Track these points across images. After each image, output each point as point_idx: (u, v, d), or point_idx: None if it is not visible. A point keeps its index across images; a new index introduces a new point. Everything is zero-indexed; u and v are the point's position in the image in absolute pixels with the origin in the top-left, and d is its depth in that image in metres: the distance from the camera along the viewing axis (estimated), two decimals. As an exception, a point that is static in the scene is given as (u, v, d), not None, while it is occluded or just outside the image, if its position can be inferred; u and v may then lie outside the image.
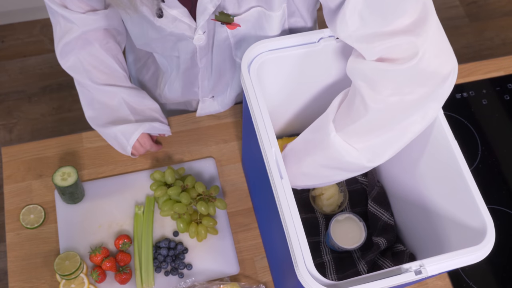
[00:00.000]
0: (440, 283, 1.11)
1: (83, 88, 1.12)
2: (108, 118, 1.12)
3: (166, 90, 1.22)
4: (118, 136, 1.11)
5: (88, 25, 1.05)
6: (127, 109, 1.13)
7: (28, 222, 1.12)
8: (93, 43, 1.09)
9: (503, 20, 2.59)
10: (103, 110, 1.12)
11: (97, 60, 1.10)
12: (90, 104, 1.13)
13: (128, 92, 1.13)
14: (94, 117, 1.13)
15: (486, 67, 1.40)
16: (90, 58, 1.10)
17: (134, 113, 1.14)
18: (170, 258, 1.09)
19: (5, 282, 1.84)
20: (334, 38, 0.91)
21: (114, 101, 1.12)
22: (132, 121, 1.12)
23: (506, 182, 1.25)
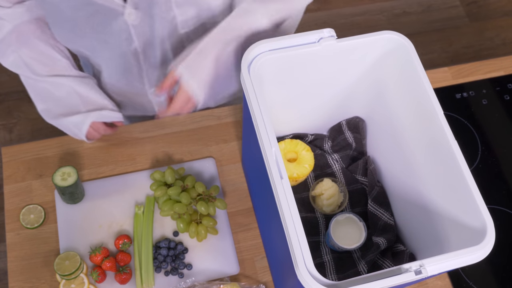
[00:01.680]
0: (440, 283, 1.11)
1: (29, 82, 1.10)
2: (59, 109, 1.11)
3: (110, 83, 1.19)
4: (70, 127, 1.12)
5: (18, 18, 1.02)
6: (76, 98, 1.11)
7: (28, 222, 1.12)
8: (28, 35, 1.06)
9: (503, 20, 2.59)
10: (53, 102, 1.11)
11: (36, 52, 1.07)
12: (39, 97, 1.11)
13: (74, 81, 1.10)
14: (45, 109, 1.12)
15: (486, 67, 1.40)
16: (28, 52, 1.07)
17: (84, 101, 1.11)
18: (170, 258, 1.09)
19: (5, 282, 1.84)
20: (334, 38, 0.91)
21: (62, 92, 1.10)
22: (82, 111, 1.11)
23: (506, 182, 1.25)
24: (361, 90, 1.06)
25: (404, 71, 0.93)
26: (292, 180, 1.10)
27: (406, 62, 0.92)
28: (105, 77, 1.18)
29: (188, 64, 0.98)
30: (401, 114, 0.98)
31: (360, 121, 1.15)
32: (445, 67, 1.39)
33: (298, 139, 1.14)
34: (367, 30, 0.88)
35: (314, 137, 1.18)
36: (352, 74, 1.02)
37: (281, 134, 1.16)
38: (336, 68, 0.98)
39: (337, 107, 1.12)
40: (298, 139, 1.14)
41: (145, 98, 1.23)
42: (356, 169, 1.15)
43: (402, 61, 0.93)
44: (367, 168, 1.14)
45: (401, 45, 0.92)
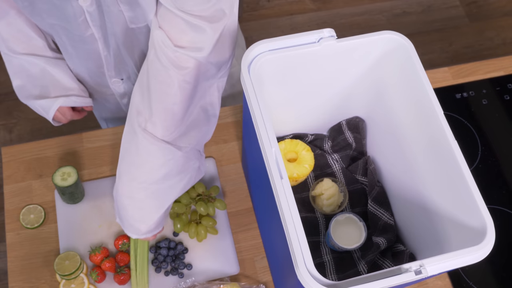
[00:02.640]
0: (440, 283, 1.11)
1: (6, 57, 1.12)
2: (31, 88, 1.12)
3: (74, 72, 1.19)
4: (39, 110, 1.14)
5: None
6: (48, 79, 1.12)
7: (28, 222, 1.12)
8: (8, 11, 1.06)
9: (503, 20, 2.59)
10: (27, 79, 1.12)
11: (14, 29, 1.08)
12: (14, 73, 1.13)
13: (48, 62, 1.12)
14: (20, 86, 1.13)
15: (486, 67, 1.40)
16: (7, 28, 1.08)
17: (54, 84, 1.13)
18: (170, 258, 1.08)
19: (5, 282, 1.84)
20: (334, 38, 0.91)
21: (36, 71, 1.12)
22: (50, 95, 1.12)
23: (506, 182, 1.25)
24: (361, 90, 1.06)
25: (404, 71, 0.93)
26: (292, 180, 1.10)
27: (406, 62, 0.92)
28: (69, 65, 1.19)
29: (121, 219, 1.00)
30: (401, 114, 0.98)
31: (360, 121, 1.15)
32: (445, 67, 1.39)
33: (298, 139, 1.14)
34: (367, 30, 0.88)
35: (314, 137, 1.18)
36: (352, 74, 1.02)
37: (281, 134, 1.16)
38: (336, 68, 0.98)
39: (337, 107, 1.12)
40: (298, 139, 1.14)
41: (108, 89, 1.23)
42: (356, 169, 1.15)
43: (402, 61, 0.93)
44: (367, 168, 1.14)
45: (401, 45, 0.92)
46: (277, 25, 2.49)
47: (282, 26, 2.49)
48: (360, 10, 2.58)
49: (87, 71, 1.16)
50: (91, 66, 1.14)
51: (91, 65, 1.14)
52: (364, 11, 2.57)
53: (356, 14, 2.56)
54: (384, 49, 0.95)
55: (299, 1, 2.57)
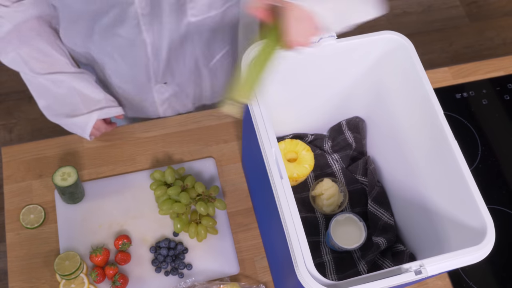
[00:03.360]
0: (440, 283, 1.11)
1: (28, 79, 1.12)
2: (59, 108, 1.13)
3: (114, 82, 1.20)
4: (72, 128, 1.14)
5: (18, 17, 1.03)
6: (76, 96, 1.12)
7: (28, 222, 1.12)
8: (28, 33, 1.07)
9: (503, 20, 2.59)
10: (53, 99, 1.12)
11: (35, 50, 1.09)
12: (39, 94, 1.13)
13: (73, 78, 1.12)
14: (46, 106, 1.13)
15: (486, 67, 1.40)
16: (28, 50, 1.08)
17: (84, 99, 1.13)
18: (170, 258, 1.08)
19: (5, 282, 1.84)
20: (334, 38, 0.91)
21: (62, 90, 1.11)
22: (82, 110, 1.12)
23: (506, 182, 1.25)
24: (361, 90, 1.06)
25: (404, 71, 0.93)
26: (292, 180, 1.10)
27: (406, 62, 0.92)
28: (110, 75, 1.19)
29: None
30: (401, 114, 0.98)
31: (360, 121, 1.15)
32: (445, 67, 1.39)
33: (298, 139, 1.14)
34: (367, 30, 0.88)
35: (314, 137, 1.18)
36: (352, 74, 1.02)
37: (281, 134, 1.16)
38: (336, 68, 0.98)
39: (337, 107, 1.12)
40: (298, 139, 1.14)
41: (150, 96, 1.24)
42: (356, 169, 1.15)
43: (402, 61, 0.93)
44: (367, 168, 1.14)
45: (401, 45, 0.92)
46: (277, 25, 2.48)
47: (282, 26, 2.48)
48: (360, 10, 2.57)
49: (131, 78, 1.18)
50: (136, 72, 1.16)
51: (136, 71, 1.15)
52: (364, 11, 2.57)
53: (356, 14, 2.56)
54: (384, 49, 0.96)
55: (299, 1, 2.57)
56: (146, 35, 1.03)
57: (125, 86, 1.20)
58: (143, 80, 1.17)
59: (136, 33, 1.03)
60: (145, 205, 1.15)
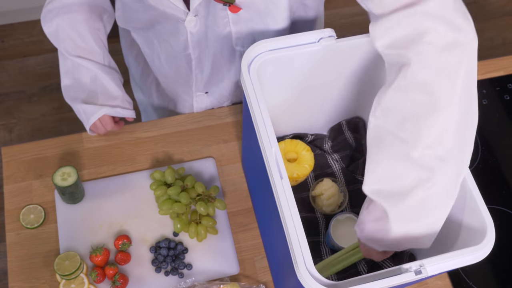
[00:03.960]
0: (440, 283, 1.11)
1: (62, 57, 1.14)
2: (79, 90, 1.14)
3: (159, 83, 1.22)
4: (81, 114, 1.14)
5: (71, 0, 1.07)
6: (97, 85, 1.14)
7: (28, 222, 1.12)
8: (75, 15, 1.10)
9: (503, 20, 2.59)
10: (76, 81, 1.14)
11: (75, 32, 1.11)
12: (66, 74, 1.14)
13: (100, 68, 1.13)
14: (69, 86, 1.14)
15: (486, 67, 1.40)
16: (69, 29, 1.11)
17: (103, 91, 1.14)
18: (170, 258, 1.08)
19: (5, 282, 1.84)
20: (334, 38, 0.91)
21: (87, 75, 1.13)
22: (97, 101, 1.13)
23: (506, 182, 1.25)
24: (361, 90, 1.06)
25: (404, 71, 0.93)
26: (292, 180, 1.10)
27: (406, 62, 0.92)
28: (155, 71, 1.22)
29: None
30: (401, 114, 0.98)
31: (360, 121, 1.15)
32: (445, 67, 1.39)
33: (298, 139, 1.14)
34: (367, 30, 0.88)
35: (314, 137, 1.18)
36: (352, 74, 1.02)
37: (281, 134, 1.16)
38: (336, 68, 0.98)
39: (337, 107, 1.12)
40: (298, 139, 1.14)
41: (189, 102, 1.28)
42: (356, 169, 1.15)
43: (402, 61, 0.93)
44: (367, 168, 1.14)
45: (401, 45, 0.92)
46: (277, 25, 2.49)
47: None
48: (360, 10, 2.57)
49: (174, 83, 1.20)
50: (179, 78, 1.18)
51: (179, 77, 1.17)
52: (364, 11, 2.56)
53: (356, 14, 2.56)
54: (384, 49, 0.95)
55: (299, 1, 2.57)
56: (192, 51, 1.07)
57: (167, 86, 1.22)
58: (185, 86, 1.20)
59: (183, 47, 1.07)
60: (145, 205, 1.15)
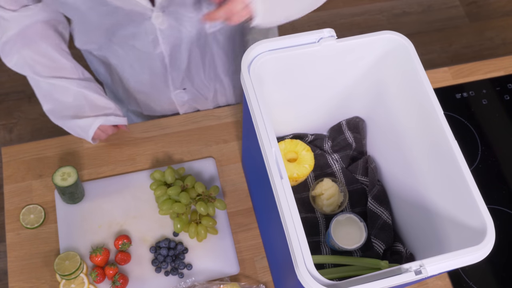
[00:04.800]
0: (440, 283, 1.11)
1: (35, 83, 1.12)
2: (64, 110, 1.13)
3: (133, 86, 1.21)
4: (76, 130, 1.14)
5: (23, 22, 1.04)
6: (83, 101, 1.12)
7: (28, 222, 1.12)
8: (33, 38, 1.07)
9: (503, 20, 2.59)
10: (58, 103, 1.12)
11: (39, 54, 1.09)
12: (44, 97, 1.13)
13: (79, 84, 1.12)
14: (51, 110, 1.13)
15: (486, 67, 1.40)
16: (32, 54, 1.08)
17: (90, 105, 1.13)
18: (170, 258, 1.08)
19: (5, 282, 1.84)
20: (334, 38, 0.91)
21: (69, 94, 1.12)
22: (88, 113, 1.12)
23: (506, 182, 1.25)
24: (361, 90, 1.06)
25: (404, 71, 0.93)
26: (292, 180, 1.10)
27: (406, 62, 0.92)
28: (127, 78, 1.20)
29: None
30: (401, 114, 0.98)
31: (360, 121, 1.15)
32: (445, 67, 1.39)
33: (298, 139, 1.14)
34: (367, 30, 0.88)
35: (314, 137, 1.18)
36: (352, 74, 1.02)
37: (281, 134, 1.16)
38: (336, 68, 0.98)
39: (337, 107, 1.12)
40: (298, 139, 1.14)
41: (169, 100, 1.26)
42: (356, 169, 1.15)
43: (402, 61, 0.93)
44: (367, 167, 1.14)
45: (401, 45, 0.92)
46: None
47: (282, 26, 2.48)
48: (360, 10, 2.58)
49: (150, 85, 1.19)
50: (154, 80, 1.17)
51: (155, 78, 1.16)
52: (364, 11, 2.57)
53: (356, 14, 2.56)
54: (384, 49, 0.95)
55: (299, 1, 2.57)
56: (163, 48, 1.05)
57: (144, 90, 1.22)
58: (162, 86, 1.19)
59: (153, 46, 1.05)
60: (145, 205, 1.15)
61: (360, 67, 1.01)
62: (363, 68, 1.01)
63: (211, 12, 0.87)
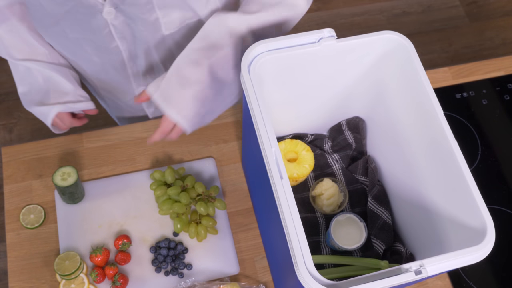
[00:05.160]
0: (440, 283, 1.11)
1: (12, 65, 1.12)
2: (34, 94, 1.12)
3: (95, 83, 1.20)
4: (40, 116, 1.13)
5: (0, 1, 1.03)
6: (50, 85, 1.12)
7: (28, 222, 1.12)
8: (10, 18, 1.06)
9: (503, 20, 2.59)
10: (31, 86, 1.12)
11: (15, 36, 1.08)
12: (20, 81, 1.13)
13: (50, 68, 1.11)
14: (24, 93, 1.13)
15: (486, 67, 1.40)
16: (8, 35, 1.08)
17: (56, 90, 1.12)
18: (170, 258, 1.09)
19: (5, 282, 1.84)
20: (334, 38, 0.91)
21: (39, 77, 1.11)
22: (50, 100, 1.12)
23: (506, 182, 1.25)
24: (361, 90, 1.06)
25: (404, 71, 0.93)
26: (292, 180, 1.10)
27: (406, 62, 0.92)
28: (89, 76, 1.19)
29: (163, 94, 0.99)
30: (401, 114, 0.98)
31: (360, 121, 1.15)
32: (445, 67, 1.39)
33: (298, 139, 1.14)
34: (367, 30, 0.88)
35: (314, 137, 1.18)
36: (352, 74, 1.02)
37: (281, 134, 1.16)
38: (336, 68, 0.98)
39: (337, 107, 1.12)
40: (298, 139, 1.14)
41: (133, 94, 1.24)
42: (356, 169, 1.15)
43: (402, 61, 0.93)
44: (367, 167, 1.14)
45: (401, 45, 0.92)
46: (277, 25, 2.48)
47: (282, 26, 2.48)
48: (360, 10, 2.58)
49: (112, 78, 1.17)
50: (116, 75, 1.15)
51: (116, 73, 1.14)
52: (364, 11, 2.57)
53: (356, 14, 2.56)
54: (384, 49, 0.95)
55: (299, 1, 2.57)
56: (119, 43, 1.03)
57: (106, 87, 1.20)
58: (124, 82, 1.17)
59: (109, 41, 1.03)
60: (145, 205, 1.15)
61: (360, 67, 1.01)
62: (363, 68, 1.01)
63: (150, 136, 1.04)
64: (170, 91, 0.99)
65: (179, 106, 0.99)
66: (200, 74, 0.97)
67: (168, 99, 0.99)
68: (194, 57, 0.98)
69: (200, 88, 0.98)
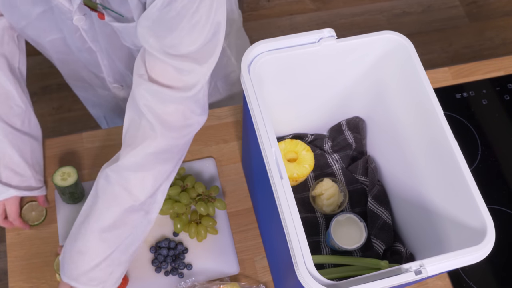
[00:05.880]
0: (440, 283, 1.11)
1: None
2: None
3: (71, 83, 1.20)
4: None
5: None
6: (1, 155, 1.02)
7: (29, 219, 1.12)
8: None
9: (503, 20, 2.59)
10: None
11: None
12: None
13: (9, 133, 1.02)
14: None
15: (486, 67, 1.40)
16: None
17: (4, 164, 1.02)
18: (170, 258, 1.09)
19: (5, 282, 1.84)
20: (334, 38, 0.91)
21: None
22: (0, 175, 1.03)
23: (506, 182, 1.25)
24: (361, 90, 1.06)
25: (404, 71, 0.93)
26: (292, 180, 1.10)
27: (406, 62, 0.92)
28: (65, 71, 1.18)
29: (68, 274, 0.92)
30: (401, 114, 0.98)
31: (360, 121, 1.15)
32: (445, 67, 1.40)
33: (298, 139, 1.14)
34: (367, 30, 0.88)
35: (314, 137, 1.18)
36: (352, 74, 1.02)
37: (281, 134, 1.16)
38: (336, 68, 0.98)
39: (337, 107, 1.12)
40: (298, 139, 1.14)
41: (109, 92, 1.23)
42: (356, 169, 1.15)
43: (402, 61, 0.93)
44: (367, 167, 1.14)
45: (401, 45, 0.93)
46: (277, 25, 2.49)
47: (282, 26, 2.49)
48: (360, 10, 2.58)
49: (88, 76, 1.16)
50: (90, 73, 1.14)
51: (91, 72, 1.14)
52: (364, 11, 2.58)
53: (356, 14, 2.56)
54: (384, 49, 0.96)
55: (299, 1, 2.57)
56: (92, 45, 1.03)
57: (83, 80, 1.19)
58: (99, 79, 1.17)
59: (81, 42, 1.02)
60: (145, 205, 1.15)
61: (360, 67, 1.01)
62: (363, 68, 1.01)
63: None
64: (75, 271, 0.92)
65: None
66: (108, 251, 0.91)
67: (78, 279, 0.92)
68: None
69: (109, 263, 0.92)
